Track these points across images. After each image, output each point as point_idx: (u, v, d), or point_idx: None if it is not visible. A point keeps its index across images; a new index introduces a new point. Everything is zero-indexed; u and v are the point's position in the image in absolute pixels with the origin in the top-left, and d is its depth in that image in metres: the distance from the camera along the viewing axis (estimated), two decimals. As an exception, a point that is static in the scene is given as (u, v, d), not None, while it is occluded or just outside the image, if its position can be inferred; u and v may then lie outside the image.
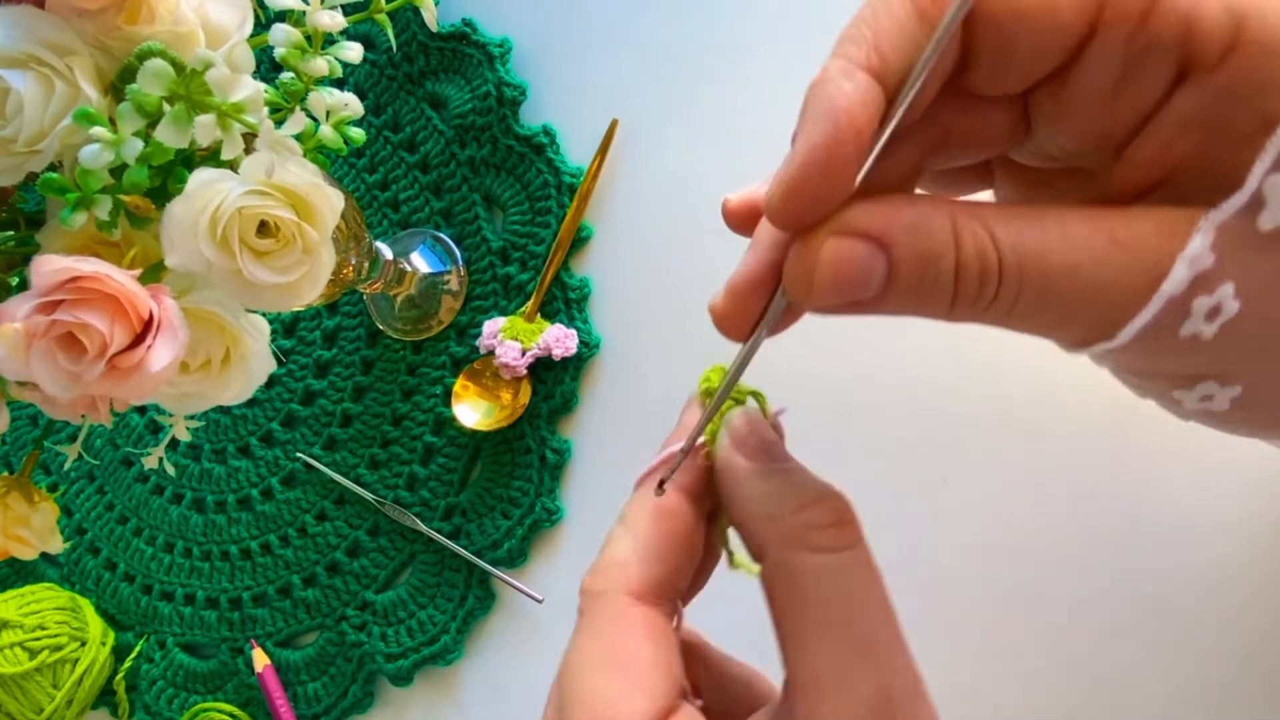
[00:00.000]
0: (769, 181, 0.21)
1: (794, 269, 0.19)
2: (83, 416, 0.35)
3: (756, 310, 0.22)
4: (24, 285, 0.31)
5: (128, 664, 0.59)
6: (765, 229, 0.22)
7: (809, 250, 0.19)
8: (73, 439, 0.51)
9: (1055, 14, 0.18)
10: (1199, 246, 0.18)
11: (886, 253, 0.18)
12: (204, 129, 0.30)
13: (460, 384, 0.53)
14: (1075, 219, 0.19)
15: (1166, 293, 0.18)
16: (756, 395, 0.26)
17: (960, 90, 0.21)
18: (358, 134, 0.35)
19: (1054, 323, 0.19)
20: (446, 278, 0.54)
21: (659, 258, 0.51)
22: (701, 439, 0.25)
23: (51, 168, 0.32)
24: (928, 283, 0.19)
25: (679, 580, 0.24)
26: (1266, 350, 0.19)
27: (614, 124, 0.52)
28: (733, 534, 0.24)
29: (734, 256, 0.23)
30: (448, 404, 0.54)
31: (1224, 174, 0.18)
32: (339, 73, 0.34)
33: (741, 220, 0.24)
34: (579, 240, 0.52)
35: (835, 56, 0.19)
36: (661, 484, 0.25)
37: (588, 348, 0.52)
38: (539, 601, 0.52)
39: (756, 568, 0.22)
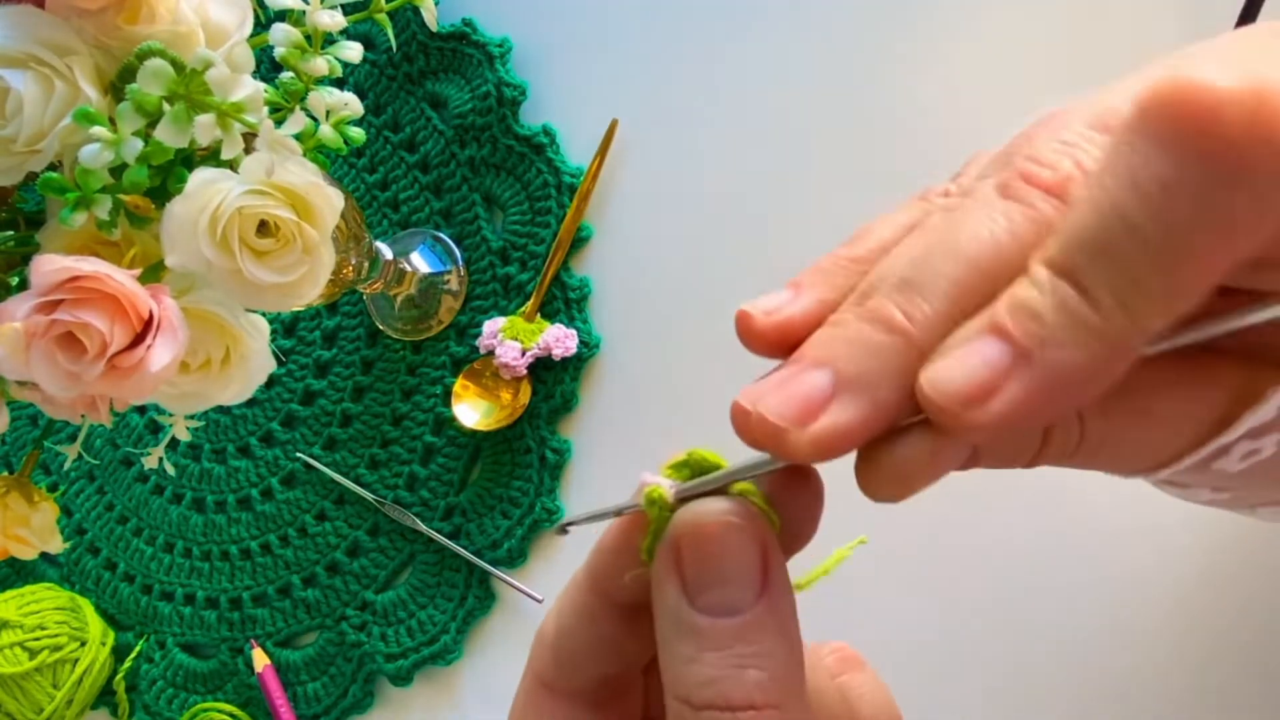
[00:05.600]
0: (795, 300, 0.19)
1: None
2: (83, 416, 0.35)
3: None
4: (24, 285, 0.31)
5: (128, 664, 0.59)
6: None
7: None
8: (73, 439, 0.51)
9: None
10: (1268, 411, 0.18)
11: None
12: (204, 129, 0.30)
13: (460, 384, 0.53)
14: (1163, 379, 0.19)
15: (1221, 441, 0.18)
16: (746, 489, 0.18)
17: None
18: (358, 134, 0.35)
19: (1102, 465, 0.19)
20: (446, 278, 0.54)
21: (659, 258, 0.51)
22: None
23: (51, 168, 0.32)
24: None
25: (603, 671, 0.21)
26: (1268, 479, 0.19)
27: (614, 124, 0.52)
28: None
29: (734, 258, 0.23)
30: (448, 404, 0.54)
31: None
32: (339, 72, 0.34)
33: (773, 347, 0.19)
34: (579, 240, 0.52)
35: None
36: (565, 528, 0.22)
37: (587, 348, 0.52)
38: (539, 601, 0.52)
39: None
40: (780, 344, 0.18)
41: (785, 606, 0.18)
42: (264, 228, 0.32)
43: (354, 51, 0.35)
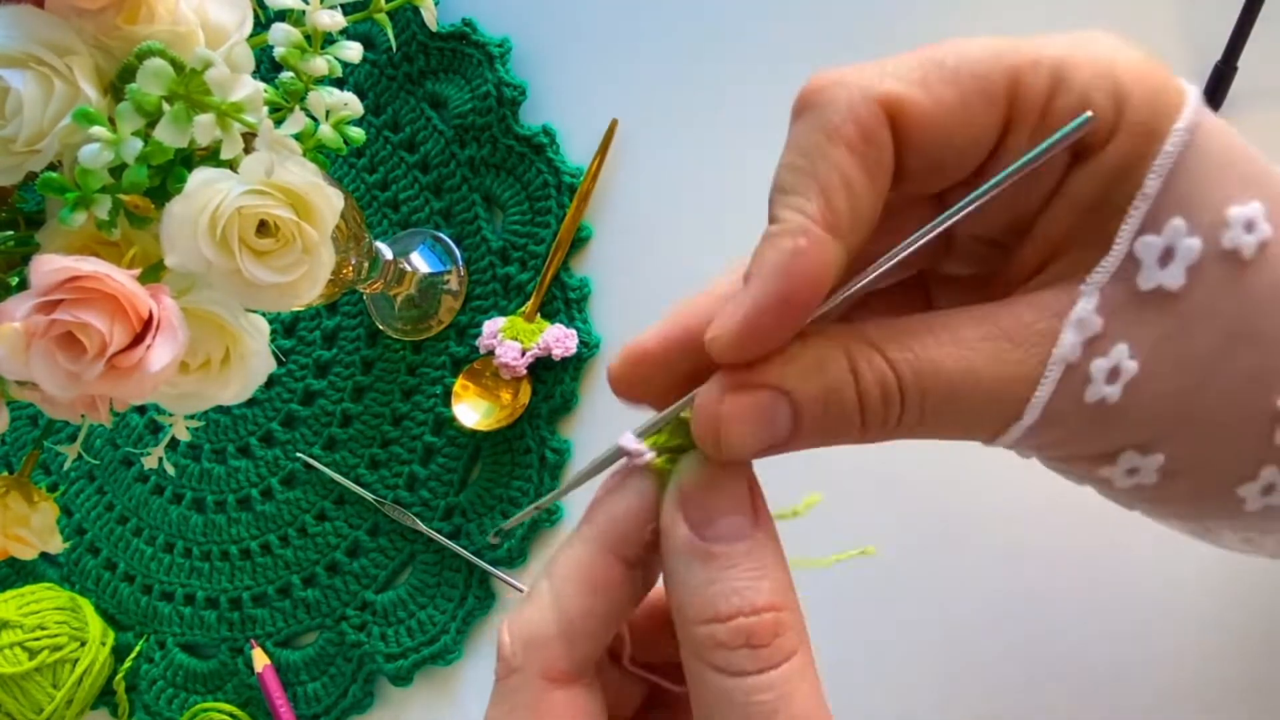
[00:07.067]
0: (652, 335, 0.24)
1: (701, 424, 0.20)
2: (82, 416, 0.35)
3: (657, 382, 0.23)
4: (24, 285, 0.31)
5: (128, 664, 0.59)
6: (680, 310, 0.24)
7: (712, 406, 0.20)
8: (73, 439, 0.51)
9: (970, 125, 0.20)
10: (1084, 310, 0.19)
11: (788, 397, 0.19)
12: (203, 129, 0.30)
13: (460, 384, 0.53)
14: (963, 322, 0.20)
15: (1061, 357, 0.19)
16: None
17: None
18: (357, 134, 0.35)
19: (965, 424, 0.20)
20: (446, 278, 0.54)
21: (659, 258, 0.51)
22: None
23: (51, 167, 0.32)
24: (833, 416, 0.20)
25: (608, 643, 0.22)
26: (1179, 412, 0.19)
27: (614, 124, 0.52)
28: None
29: (734, 258, 0.23)
30: (448, 404, 0.54)
31: (1107, 247, 0.19)
32: (339, 72, 0.34)
33: (632, 386, 0.24)
34: (579, 240, 0.52)
35: (783, 207, 0.20)
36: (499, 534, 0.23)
37: (587, 348, 0.52)
38: (539, 601, 0.52)
39: None
40: (638, 383, 0.25)
41: (773, 531, 0.21)
42: (264, 228, 0.32)
43: (354, 51, 0.35)
